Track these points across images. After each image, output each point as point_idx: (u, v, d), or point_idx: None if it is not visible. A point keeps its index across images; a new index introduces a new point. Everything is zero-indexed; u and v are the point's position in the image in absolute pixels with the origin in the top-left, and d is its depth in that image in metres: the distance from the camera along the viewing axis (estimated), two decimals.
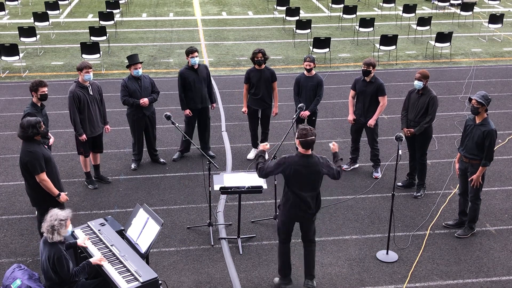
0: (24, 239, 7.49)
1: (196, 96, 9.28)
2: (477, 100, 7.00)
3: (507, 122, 11.28)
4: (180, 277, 6.77)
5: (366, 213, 8.11)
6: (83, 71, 8.22)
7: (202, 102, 9.36)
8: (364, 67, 8.66)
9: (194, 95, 9.27)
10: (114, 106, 11.96)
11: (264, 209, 8.24)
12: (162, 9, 21.84)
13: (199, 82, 9.23)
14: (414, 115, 8.21)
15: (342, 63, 15.22)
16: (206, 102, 9.42)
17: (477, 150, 7.15)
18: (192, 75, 9.20)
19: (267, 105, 9.42)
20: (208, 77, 9.42)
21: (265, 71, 9.27)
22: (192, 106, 9.35)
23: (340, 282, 6.69)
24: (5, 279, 5.75)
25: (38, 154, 6.42)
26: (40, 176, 6.46)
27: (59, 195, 6.66)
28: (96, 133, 8.59)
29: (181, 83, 9.25)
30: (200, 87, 9.26)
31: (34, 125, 6.40)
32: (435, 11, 21.33)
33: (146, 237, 5.97)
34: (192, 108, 9.36)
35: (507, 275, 6.80)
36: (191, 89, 9.24)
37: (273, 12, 20.91)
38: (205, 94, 9.37)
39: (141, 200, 8.41)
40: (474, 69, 14.65)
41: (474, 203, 7.40)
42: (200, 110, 9.43)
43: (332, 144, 6.49)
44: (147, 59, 15.44)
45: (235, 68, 14.79)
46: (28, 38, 15.70)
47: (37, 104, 7.59)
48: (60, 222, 5.46)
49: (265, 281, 6.69)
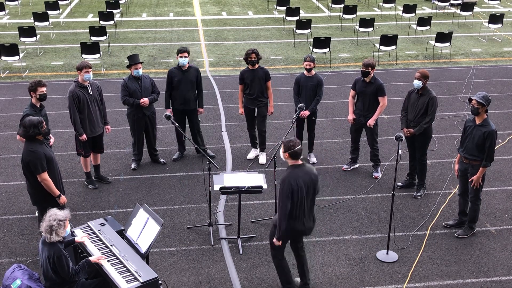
0: (24, 239, 7.49)
1: (179, 97, 9.21)
2: (477, 101, 6.99)
3: (507, 122, 11.28)
4: (180, 277, 6.77)
5: (366, 213, 8.11)
6: (82, 71, 8.22)
7: (185, 104, 9.25)
8: (363, 68, 8.65)
9: (177, 95, 9.22)
10: (114, 106, 11.97)
11: (264, 209, 8.24)
12: (162, 9, 21.84)
13: (184, 83, 9.14)
14: (414, 115, 8.20)
15: (342, 63, 15.22)
16: (189, 104, 9.29)
17: (477, 151, 7.14)
18: (179, 75, 9.17)
19: (262, 104, 9.41)
20: (197, 81, 9.30)
21: (259, 71, 9.26)
22: (175, 106, 9.32)
23: (340, 282, 6.70)
24: (5, 279, 5.76)
25: (40, 154, 6.42)
26: (41, 175, 6.47)
27: (59, 196, 6.66)
28: (96, 133, 8.58)
29: (167, 82, 9.25)
30: (184, 89, 9.17)
31: (36, 125, 6.40)
32: (435, 11, 21.33)
33: (146, 237, 5.97)
34: (174, 107, 9.34)
35: (507, 275, 6.80)
36: (175, 88, 9.22)
37: (273, 12, 20.91)
38: (190, 97, 9.24)
39: (141, 200, 8.41)
40: (474, 69, 14.66)
41: (474, 203, 7.39)
42: (182, 112, 9.35)
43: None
44: (147, 59, 15.44)
45: (235, 68, 14.79)
46: (28, 38, 15.71)
47: (36, 105, 7.56)
48: (58, 222, 5.46)
49: (265, 281, 6.69)
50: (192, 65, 9.28)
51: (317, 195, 6.31)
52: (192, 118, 9.45)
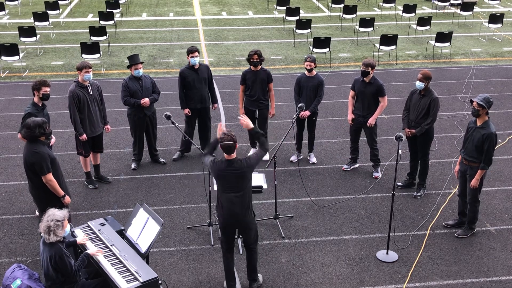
0: (24, 239, 7.49)
1: (196, 96, 9.28)
2: (478, 103, 6.98)
3: (507, 122, 11.28)
4: (180, 277, 6.77)
5: (366, 213, 8.11)
6: (83, 71, 8.22)
7: (202, 102, 9.36)
8: (362, 67, 8.65)
9: (194, 94, 9.27)
10: (114, 106, 11.97)
11: (264, 209, 8.24)
12: (162, 9, 21.84)
13: (199, 82, 9.22)
14: (415, 116, 8.20)
15: (342, 63, 15.22)
16: (205, 102, 9.41)
17: (477, 152, 7.14)
18: (192, 74, 9.21)
19: (263, 106, 9.41)
20: (209, 78, 9.41)
21: (261, 72, 9.25)
22: (191, 106, 9.35)
23: (340, 282, 6.70)
24: (5, 279, 5.76)
25: (44, 154, 6.42)
26: (46, 176, 6.47)
27: (64, 196, 6.66)
28: (96, 132, 8.59)
29: (181, 82, 9.26)
30: (200, 87, 9.25)
31: (41, 125, 6.40)
32: (435, 11, 21.33)
33: (146, 237, 5.97)
34: (191, 107, 9.36)
35: (507, 275, 6.81)
36: (190, 88, 9.25)
37: (273, 12, 20.91)
38: (205, 95, 9.36)
39: (141, 200, 8.42)
40: (474, 69, 14.66)
41: (473, 205, 7.39)
42: (199, 110, 9.43)
43: (240, 119, 6.39)
44: (147, 59, 15.44)
45: (235, 68, 14.79)
46: (28, 38, 15.71)
47: (38, 104, 7.58)
48: (56, 223, 5.44)
49: (265, 281, 6.69)
50: (201, 63, 9.32)
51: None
52: (206, 115, 9.52)
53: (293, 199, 8.48)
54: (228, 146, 5.95)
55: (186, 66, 9.28)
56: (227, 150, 5.98)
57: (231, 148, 5.96)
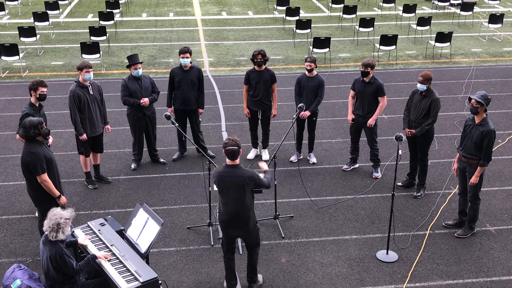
0: (24, 239, 7.49)
1: (179, 97, 9.22)
2: (476, 100, 7.00)
3: (507, 122, 11.28)
4: (180, 277, 6.77)
5: (366, 213, 8.11)
6: (83, 71, 8.22)
7: (185, 104, 9.25)
8: (362, 68, 8.65)
9: (178, 95, 9.22)
10: (114, 106, 11.97)
11: (264, 209, 8.24)
12: (162, 9, 21.84)
13: (185, 83, 9.14)
14: (416, 116, 8.20)
15: (342, 63, 15.22)
16: (189, 104, 9.28)
17: (476, 150, 7.15)
18: (180, 75, 9.17)
19: (266, 107, 9.40)
20: (199, 82, 9.29)
21: (265, 73, 9.24)
22: (175, 106, 9.34)
23: (340, 282, 6.70)
24: (5, 279, 5.76)
25: (39, 155, 6.42)
26: (41, 177, 6.46)
27: (59, 197, 6.66)
28: (96, 132, 8.59)
29: (169, 81, 9.27)
30: (185, 89, 9.16)
31: (36, 126, 6.39)
32: (435, 11, 21.33)
33: (146, 237, 5.97)
34: (174, 107, 9.35)
35: (507, 275, 6.81)
36: (176, 88, 9.24)
37: (273, 12, 20.91)
38: (190, 97, 9.23)
39: (141, 200, 8.42)
40: (474, 69, 14.66)
41: (474, 203, 7.40)
42: (183, 112, 9.35)
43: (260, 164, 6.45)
44: (147, 59, 15.44)
45: (235, 68, 14.79)
46: (28, 38, 15.71)
47: (35, 104, 7.56)
48: (65, 220, 5.49)
49: (265, 281, 6.70)
50: (194, 66, 9.27)
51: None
52: (192, 118, 9.45)
53: (293, 199, 8.49)
54: (232, 151, 5.95)
55: (178, 66, 9.27)
56: (231, 156, 5.97)
57: (235, 153, 5.96)
